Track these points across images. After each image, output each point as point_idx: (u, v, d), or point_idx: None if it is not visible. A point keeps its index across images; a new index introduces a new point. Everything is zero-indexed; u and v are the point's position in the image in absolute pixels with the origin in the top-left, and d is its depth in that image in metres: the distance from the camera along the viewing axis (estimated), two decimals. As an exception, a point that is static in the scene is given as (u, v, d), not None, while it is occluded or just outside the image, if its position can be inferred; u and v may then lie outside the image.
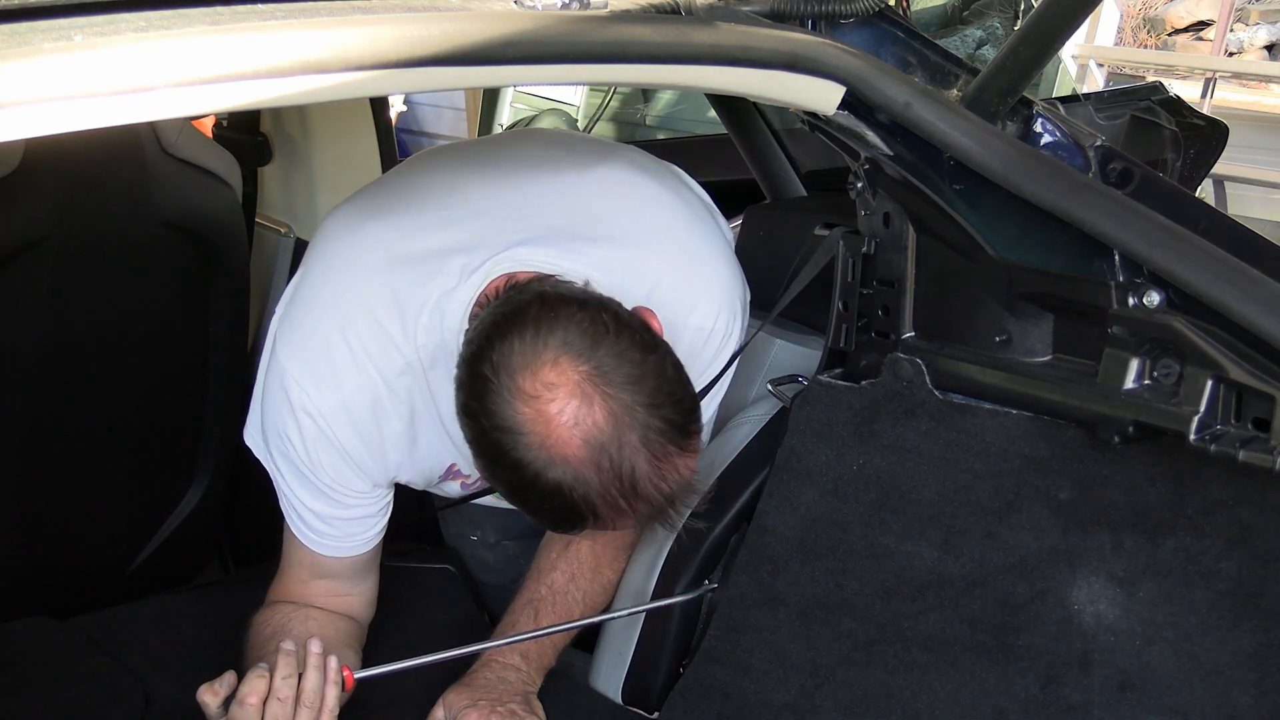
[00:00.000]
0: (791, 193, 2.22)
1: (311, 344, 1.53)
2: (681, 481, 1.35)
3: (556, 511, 1.34)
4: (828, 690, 1.54)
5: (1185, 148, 1.72)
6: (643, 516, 1.36)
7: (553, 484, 1.30)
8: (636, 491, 1.31)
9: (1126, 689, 1.35)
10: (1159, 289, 1.30)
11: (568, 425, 1.28)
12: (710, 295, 1.60)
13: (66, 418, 2.06)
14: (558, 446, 1.29)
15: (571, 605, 1.69)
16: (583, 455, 1.29)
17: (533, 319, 1.31)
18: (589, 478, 1.30)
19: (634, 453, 1.29)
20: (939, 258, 1.51)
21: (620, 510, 1.33)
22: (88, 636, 1.76)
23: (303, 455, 1.54)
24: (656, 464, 1.31)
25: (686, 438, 1.34)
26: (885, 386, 1.52)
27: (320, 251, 1.58)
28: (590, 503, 1.31)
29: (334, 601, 1.66)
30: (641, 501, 1.33)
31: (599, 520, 1.34)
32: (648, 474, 1.31)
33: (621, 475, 1.30)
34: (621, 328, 1.32)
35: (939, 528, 1.48)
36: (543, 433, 1.29)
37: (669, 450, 1.32)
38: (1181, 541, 1.33)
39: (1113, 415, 1.32)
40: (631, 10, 1.31)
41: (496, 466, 1.34)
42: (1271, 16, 11.14)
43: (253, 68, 1.03)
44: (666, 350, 1.36)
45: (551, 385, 1.28)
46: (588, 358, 1.29)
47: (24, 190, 1.86)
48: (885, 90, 1.40)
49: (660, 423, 1.31)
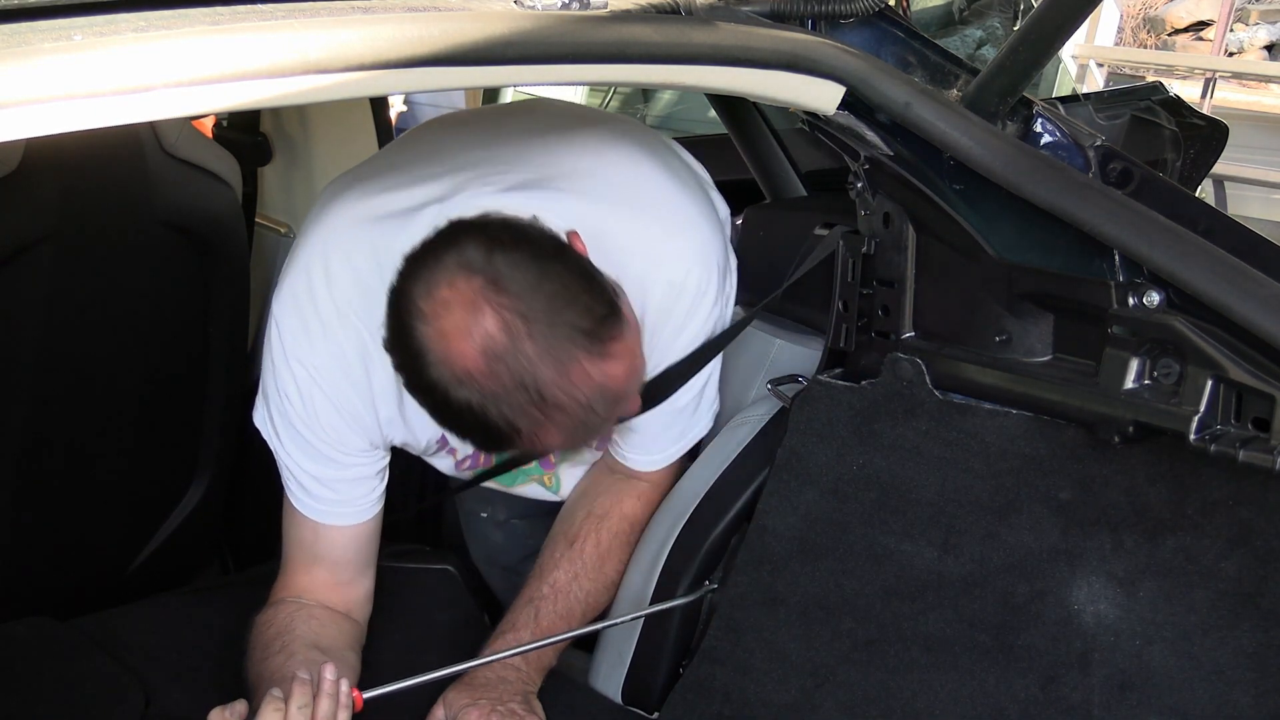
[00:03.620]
0: (791, 193, 2.22)
1: (301, 299, 1.57)
2: (596, 387, 1.35)
3: (478, 431, 1.35)
4: (828, 690, 1.54)
5: (1185, 148, 1.72)
6: (565, 427, 1.36)
7: (463, 402, 1.32)
8: (545, 399, 1.32)
9: (1126, 689, 1.35)
10: (1159, 289, 1.30)
11: (463, 338, 1.30)
12: (682, 252, 1.60)
13: (66, 418, 2.06)
14: (458, 360, 1.30)
15: (573, 604, 1.69)
16: (482, 367, 1.30)
17: (436, 245, 1.35)
18: (493, 389, 1.31)
19: (535, 360, 1.30)
20: (939, 258, 1.51)
21: (537, 421, 1.33)
22: (88, 636, 1.76)
23: (299, 409, 1.58)
24: (562, 369, 1.32)
25: (597, 343, 1.34)
26: (885, 386, 1.52)
27: (311, 215, 1.62)
28: (504, 416, 1.32)
29: (335, 594, 1.66)
30: (556, 410, 1.33)
31: (521, 435, 1.35)
32: (553, 380, 1.31)
33: (525, 384, 1.30)
34: (520, 240, 1.34)
35: (939, 528, 1.48)
36: (442, 350, 1.31)
37: (575, 355, 1.32)
38: (1181, 541, 1.33)
39: (1113, 415, 1.32)
40: (631, 10, 1.31)
41: (418, 394, 1.37)
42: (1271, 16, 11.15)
43: (253, 68, 1.03)
44: (574, 258, 1.37)
45: (446, 302, 1.30)
46: (482, 270, 1.30)
47: (24, 190, 1.86)
48: (885, 90, 1.40)
49: (564, 327, 1.31)
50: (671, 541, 1.70)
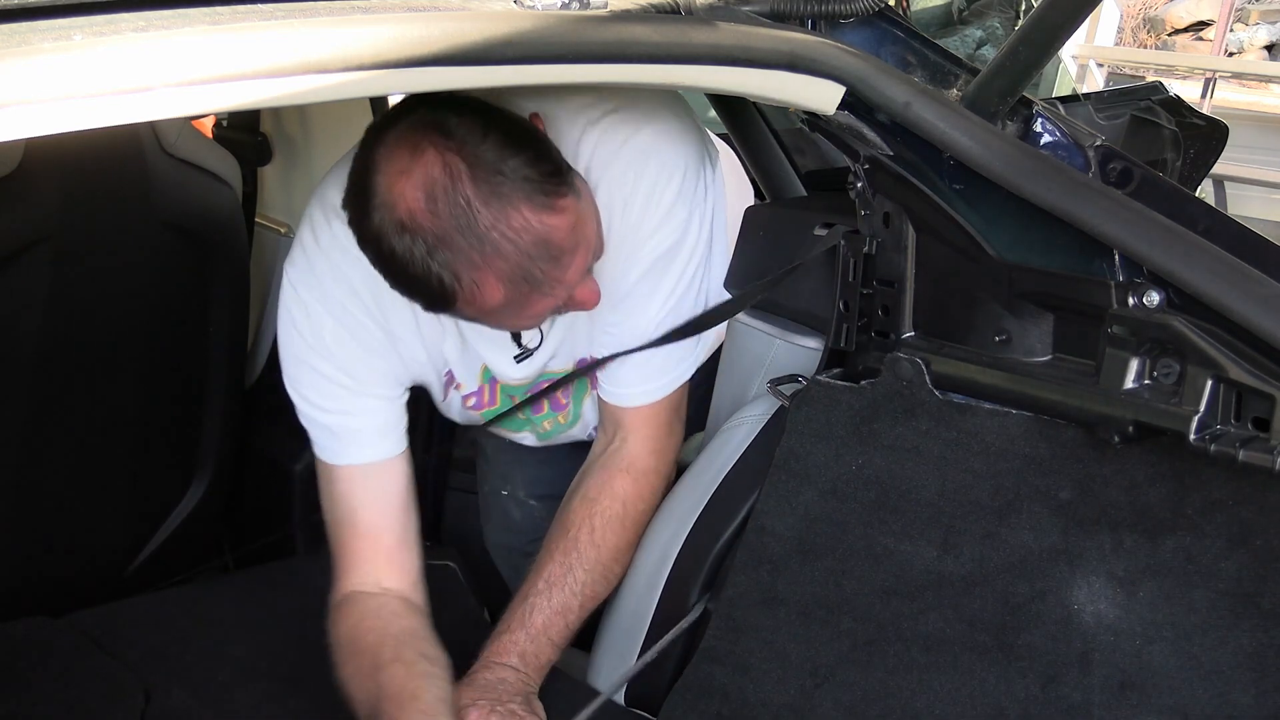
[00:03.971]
0: (791, 193, 2.21)
1: (307, 246, 1.62)
2: (537, 236, 1.37)
3: (420, 284, 1.39)
4: (828, 690, 1.54)
5: (1185, 148, 1.72)
6: (506, 277, 1.38)
7: (405, 251, 1.36)
8: (483, 242, 1.35)
9: (1126, 689, 1.35)
10: (1159, 289, 1.30)
11: (406, 179, 1.34)
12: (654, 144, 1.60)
13: (66, 418, 2.07)
14: (400, 203, 1.34)
15: (569, 598, 1.68)
16: (423, 207, 1.34)
17: (394, 112, 1.40)
18: (434, 231, 1.34)
19: (473, 199, 1.34)
20: (939, 258, 1.51)
21: (475, 266, 1.36)
22: (87, 635, 1.76)
23: (309, 334, 1.62)
24: (502, 212, 1.35)
25: (539, 194, 1.37)
26: (885, 386, 1.52)
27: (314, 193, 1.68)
28: (445, 263, 1.35)
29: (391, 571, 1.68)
30: (495, 256, 1.36)
31: (462, 286, 1.37)
32: (492, 223, 1.34)
33: (463, 225, 1.34)
34: (472, 102, 1.38)
35: (939, 528, 1.48)
36: (386, 193, 1.35)
37: (515, 200, 1.35)
38: (1181, 541, 1.33)
39: (1113, 415, 1.32)
40: (631, 10, 1.31)
41: (367, 248, 1.41)
42: (1271, 16, 11.15)
43: (253, 68, 1.03)
44: (527, 124, 1.42)
45: (393, 150, 1.36)
46: (431, 122, 1.35)
47: (24, 190, 1.86)
48: (885, 90, 1.40)
49: (508, 174, 1.35)
50: (676, 548, 1.70)
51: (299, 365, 1.65)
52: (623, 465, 1.74)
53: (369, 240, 1.40)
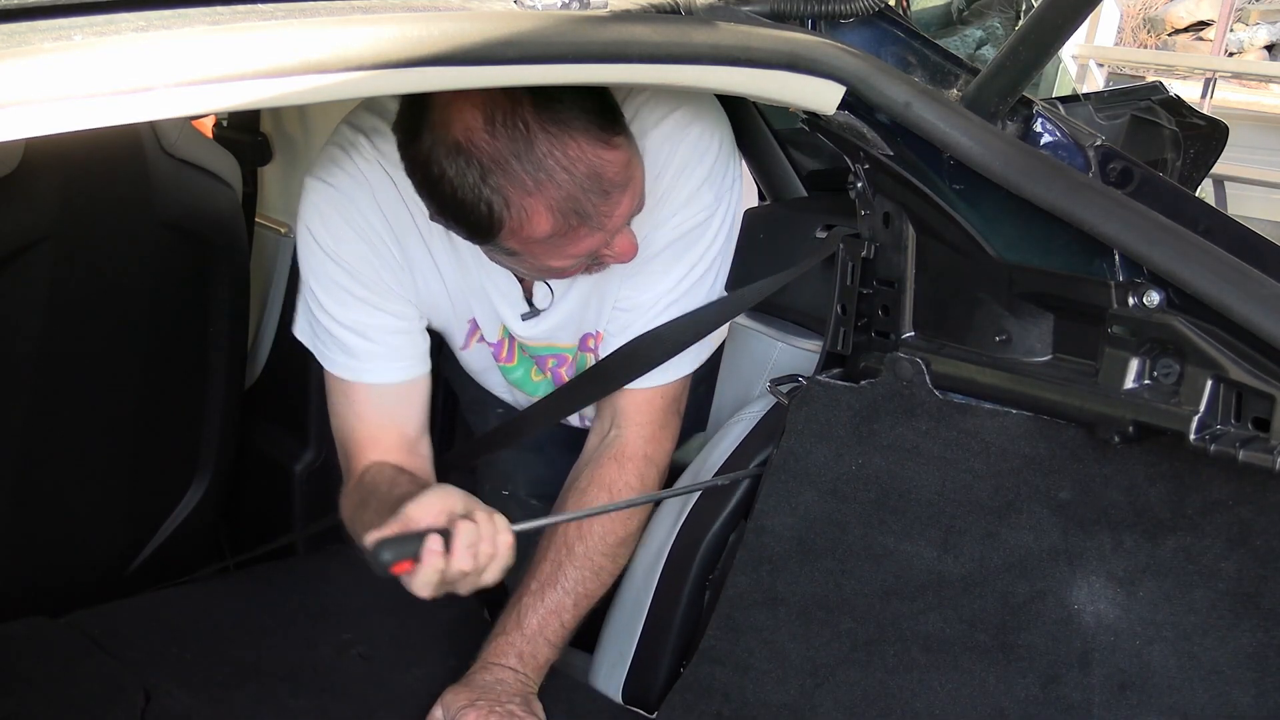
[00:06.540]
0: (791, 193, 2.21)
1: (337, 157, 1.61)
2: (590, 167, 1.38)
3: (468, 210, 1.38)
4: (828, 690, 1.54)
5: (1185, 148, 1.72)
6: (555, 205, 1.38)
7: (458, 170, 1.36)
8: (537, 165, 1.35)
9: (1126, 689, 1.35)
10: (1159, 289, 1.30)
11: (467, 104, 1.35)
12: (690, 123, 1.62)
13: (66, 418, 2.06)
14: (458, 124, 1.35)
15: (562, 596, 1.67)
16: (481, 127, 1.35)
17: None
18: (490, 153, 1.34)
19: (533, 124, 1.34)
20: (939, 258, 1.51)
21: (527, 190, 1.36)
22: (87, 635, 1.76)
23: (327, 240, 1.61)
24: (559, 140, 1.36)
25: (595, 129, 1.38)
26: (885, 386, 1.52)
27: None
28: (496, 186, 1.35)
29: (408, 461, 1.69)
30: (548, 182, 1.36)
31: (510, 211, 1.37)
32: (547, 146, 1.35)
33: (519, 149, 1.34)
34: None
35: (939, 528, 1.48)
36: (444, 116, 1.37)
37: (573, 131, 1.36)
38: (1181, 541, 1.33)
39: (1113, 415, 1.32)
40: (631, 10, 1.31)
41: (416, 170, 1.41)
42: (1271, 16, 11.16)
43: (253, 68, 1.03)
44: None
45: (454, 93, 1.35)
46: None
47: (24, 190, 1.86)
48: (885, 90, 1.40)
49: (568, 106, 1.36)
50: (672, 543, 1.70)
51: (317, 280, 1.64)
52: (613, 453, 1.72)
53: (419, 163, 1.40)
